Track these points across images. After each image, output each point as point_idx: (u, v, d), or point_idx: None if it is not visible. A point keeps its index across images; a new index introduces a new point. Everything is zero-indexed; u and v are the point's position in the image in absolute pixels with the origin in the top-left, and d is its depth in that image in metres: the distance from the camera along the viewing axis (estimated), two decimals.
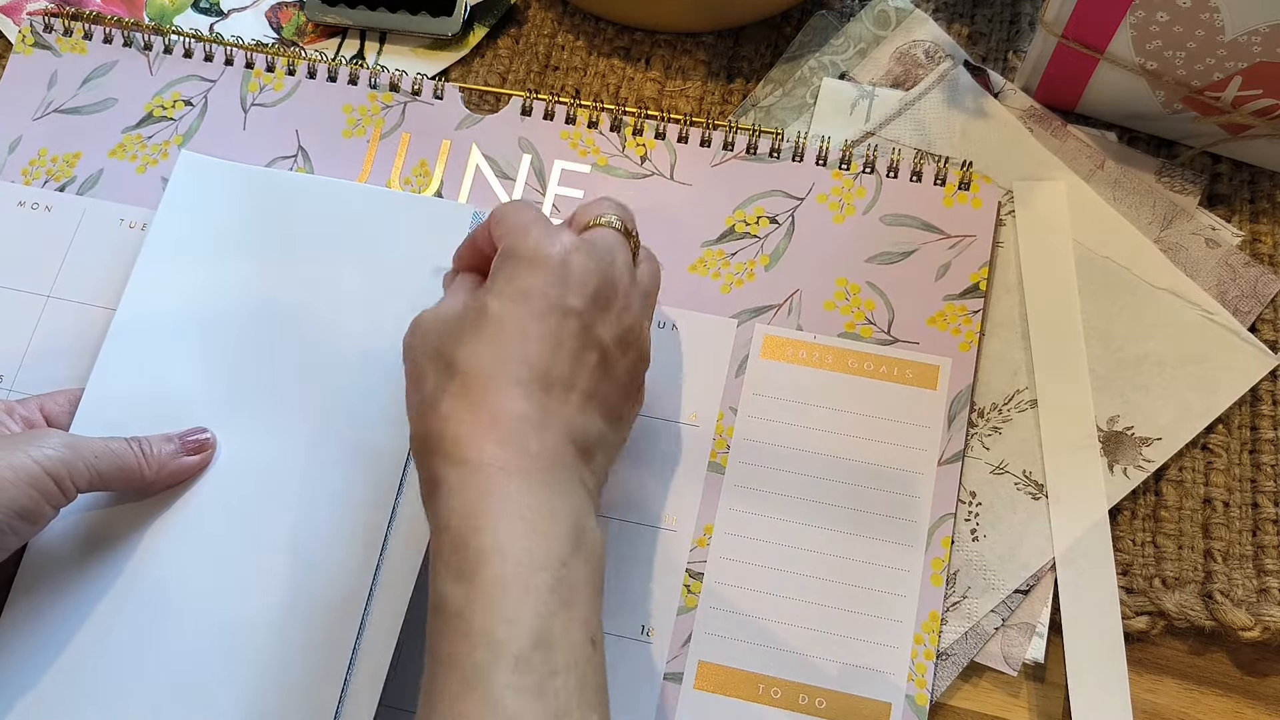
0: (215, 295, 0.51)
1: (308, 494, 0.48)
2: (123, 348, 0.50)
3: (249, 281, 0.52)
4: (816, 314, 0.53)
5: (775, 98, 0.59)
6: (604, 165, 0.56)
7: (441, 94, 0.58)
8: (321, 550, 0.47)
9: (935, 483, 0.50)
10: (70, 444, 0.44)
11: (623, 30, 0.61)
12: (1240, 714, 0.47)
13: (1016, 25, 0.61)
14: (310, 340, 0.50)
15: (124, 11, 0.62)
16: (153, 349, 0.50)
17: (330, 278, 0.52)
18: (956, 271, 0.53)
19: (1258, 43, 0.48)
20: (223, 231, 0.53)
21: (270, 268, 0.52)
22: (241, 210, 0.53)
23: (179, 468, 0.47)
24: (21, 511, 0.42)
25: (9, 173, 0.57)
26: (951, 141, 0.56)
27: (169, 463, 0.47)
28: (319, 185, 0.54)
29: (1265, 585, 0.48)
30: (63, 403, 0.49)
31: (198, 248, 0.52)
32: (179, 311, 0.51)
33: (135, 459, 0.46)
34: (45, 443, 0.43)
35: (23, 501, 0.42)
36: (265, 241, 0.52)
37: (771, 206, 0.55)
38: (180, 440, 0.48)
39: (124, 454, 0.46)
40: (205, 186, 0.54)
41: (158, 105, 0.58)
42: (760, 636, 0.48)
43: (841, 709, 0.46)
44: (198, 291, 0.51)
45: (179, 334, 0.51)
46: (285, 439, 0.49)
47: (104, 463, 0.45)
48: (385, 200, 0.53)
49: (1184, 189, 0.55)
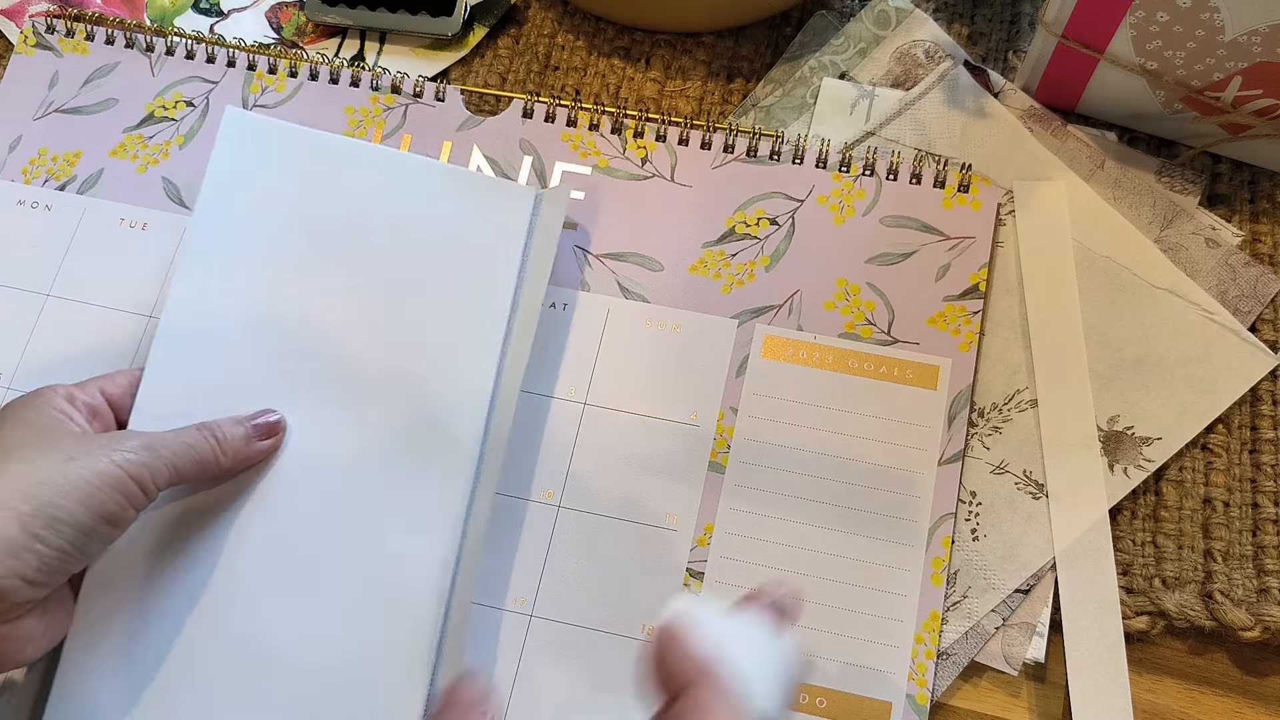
0: (271, 271, 0.50)
1: (378, 479, 0.48)
2: (179, 328, 0.49)
3: (305, 257, 0.50)
4: (817, 314, 0.53)
5: (775, 98, 0.59)
6: (605, 167, 0.56)
7: (443, 96, 0.58)
8: (397, 537, 0.47)
9: (935, 482, 0.50)
10: (149, 445, 0.43)
11: (623, 30, 0.61)
12: (1240, 714, 0.48)
13: (1016, 25, 0.61)
14: (369, 321, 0.50)
15: (125, 13, 0.62)
16: (210, 330, 0.49)
17: (387, 254, 0.51)
18: (956, 272, 0.53)
19: (1258, 43, 0.48)
20: (274, 200, 0.51)
21: (325, 241, 0.51)
22: (293, 177, 0.51)
23: (252, 453, 0.47)
24: (108, 516, 0.41)
25: (9, 171, 0.57)
26: (951, 141, 0.57)
27: (242, 449, 0.47)
28: (375, 154, 0.53)
29: (1265, 585, 0.48)
30: (123, 384, 0.48)
31: (250, 218, 0.51)
32: (235, 291, 0.50)
33: (211, 450, 0.45)
34: (125, 445, 0.42)
35: (109, 506, 0.41)
36: (318, 212, 0.51)
37: (772, 208, 0.55)
38: (251, 424, 0.47)
39: (200, 446, 0.45)
40: (254, 149, 0.52)
41: (159, 106, 0.58)
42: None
43: (842, 708, 0.46)
44: (252, 268, 0.50)
45: (236, 314, 0.50)
46: (353, 421, 0.48)
47: (182, 459, 0.44)
48: (444, 175, 0.52)
49: (1184, 189, 0.55)
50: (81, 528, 0.40)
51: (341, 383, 0.49)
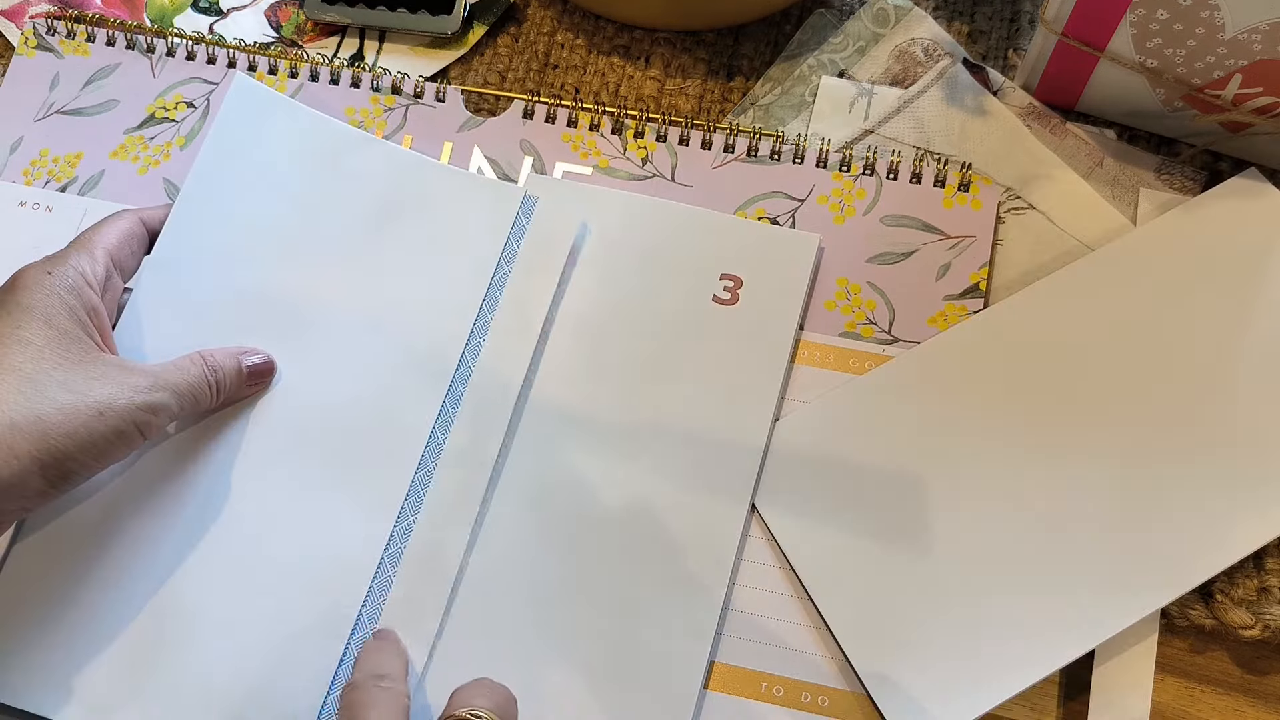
0: (256, 236, 0.53)
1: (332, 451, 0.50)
2: (157, 288, 0.51)
3: (291, 227, 0.53)
4: (817, 314, 0.53)
5: (774, 96, 0.59)
6: (605, 167, 0.56)
7: (443, 96, 0.58)
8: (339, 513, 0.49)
9: None
10: (160, 387, 0.45)
11: (622, 28, 0.61)
12: (1241, 713, 0.48)
13: (1016, 23, 0.61)
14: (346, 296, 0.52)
15: (125, 13, 0.62)
16: (187, 284, 0.52)
17: (371, 236, 0.53)
18: (956, 272, 0.53)
19: (1258, 40, 0.48)
20: (270, 168, 0.54)
21: (313, 215, 0.53)
22: (291, 150, 0.54)
23: (241, 396, 0.50)
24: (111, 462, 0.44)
25: (10, 173, 0.57)
26: (950, 139, 0.57)
27: (234, 395, 0.49)
28: (369, 143, 0.55)
29: (1265, 584, 0.48)
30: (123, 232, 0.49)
31: (244, 182, 0.53)
32: (215, 252, 0.52)
33: (207, 395, 0.47)
34: (138, 387, 0.44)
35: (117, 457, 0.44)
36: (310, 187, 0.54)
37: (772, 208, 0.55)
38: (246, 366, 0.49)
39: (199, 389, 0.47)
40: (257, 118, 0.55)
41: (160, 107, 0.58)
42: (763, 635, 0.48)
43: (844, 707, 0.47)
44: (238, 232, 0.53)
45: (213, 277, 0.52)
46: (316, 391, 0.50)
47: (184, 400, 0.46)
48: (435, 172, 0.55)
49: (1184, 186, 0.55)
50: (89, 474, 0.43)
51: (310, 351, 0.51)
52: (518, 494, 0.49)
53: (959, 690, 0.45)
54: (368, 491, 0.49)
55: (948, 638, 0.46)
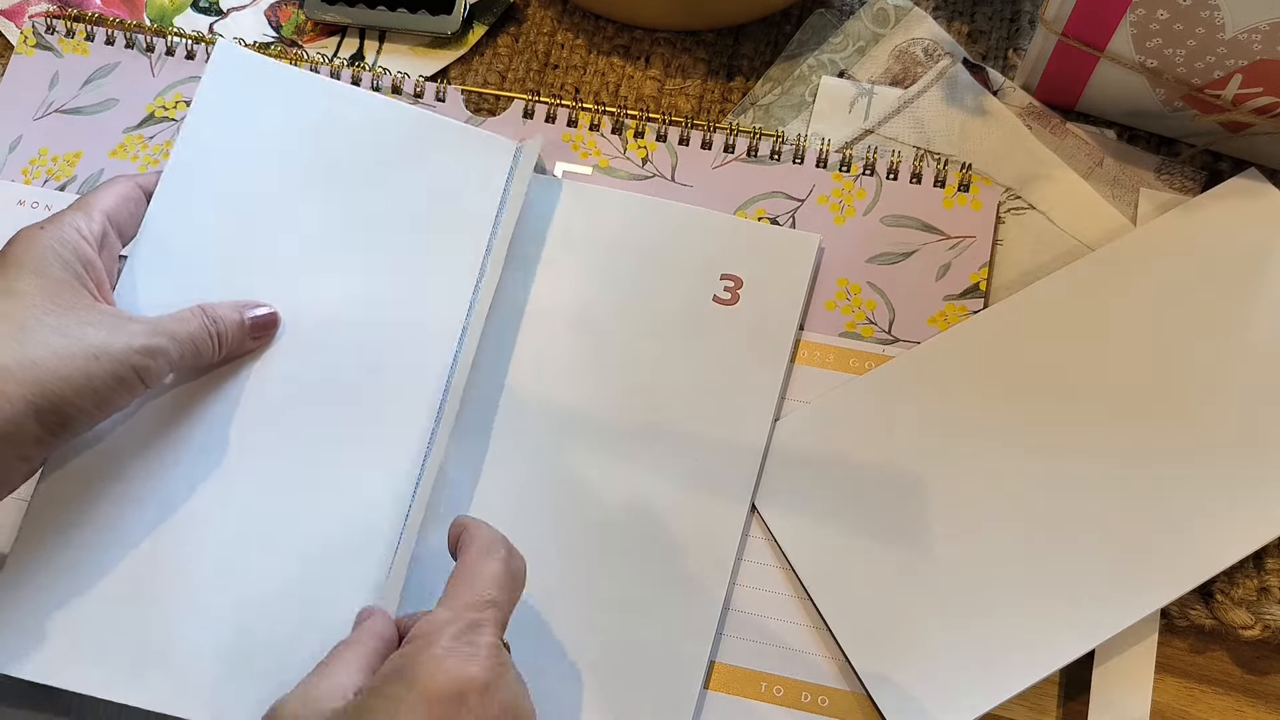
0: (248, 199, 0.53)
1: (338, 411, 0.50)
2: (151, 254, 0.51)
3: (284, 188, 0.53)
4: (817, 314, 0.53)
5: (774, 96, 0.59)
6: (605, 167, 0.56)
7: (443, 96, 0.58)
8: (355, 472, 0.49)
9: None
10: (156, 329, 0.45)
11: (622, 28, 0.61)
12: (1241, 712, 0.48)
13: (1016, 23, 0.61)
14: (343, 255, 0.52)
15: (125, 13, 0.62)
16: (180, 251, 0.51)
17: (366, 192, 0.53)
18: (956, 272, 0.53)
19: (1258, 40, 0.48)
20: (258, 131, 0.54)
21: (305, 173, 0.53)
22: (279, 112, 0.54)
23: (244, 350, 0.50)
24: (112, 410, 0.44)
25: (9, 172, 0.57)
26: (950, 139, 0.57)
27: (237, 348, 0.49)
28: (362, 97, 0.55)
29: (1265, 584, 0.48)
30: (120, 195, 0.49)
31: (233, 146, 0.53)
32: (208, 218, 0.52)
33: (209, 346, 0.47)
34: (136, 332, 0.44)
35: (117, 404, 0.44)
36: (300, 146, 0.54)
37: (772, 208, 0.55)
38: (248, 317, 0.49)
39: (200, 339, 0.47)
40: (242, 82, 0.54)
41: (159, 106, 0.58)
42: (763, 635, 0.48)
43: (844, 707, 0.47)
44: (230, 195, 0.52)
45: (206, 239, 0.52)
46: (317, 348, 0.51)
47: (186, 349, 0.46)
48: (428, 123, 0.55)
49: (1184, 186, 0.55)
50: (89, 422, 0.43)
51: (309, 312, 0.51)
52: (517, 494, 0.49)
53: (959, 690, 0.45)
54: (376, 450, 0.49)
55: (948, 638, 0.46)
